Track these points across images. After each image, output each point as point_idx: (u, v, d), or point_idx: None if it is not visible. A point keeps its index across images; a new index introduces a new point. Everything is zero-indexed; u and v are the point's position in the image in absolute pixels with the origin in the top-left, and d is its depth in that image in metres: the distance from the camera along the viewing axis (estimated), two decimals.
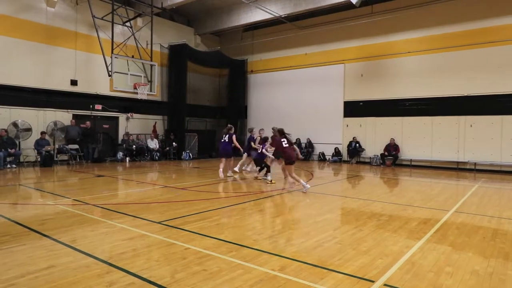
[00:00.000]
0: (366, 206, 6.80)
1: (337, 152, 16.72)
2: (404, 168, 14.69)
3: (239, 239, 4.50)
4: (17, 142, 12.85)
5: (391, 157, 15.03)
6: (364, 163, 16.20)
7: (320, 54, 17.61)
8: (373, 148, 16.03)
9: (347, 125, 16.82)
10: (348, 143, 16.52)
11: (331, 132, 17.15)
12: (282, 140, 8.37)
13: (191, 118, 18.76)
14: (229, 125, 11.31)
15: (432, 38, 14.60)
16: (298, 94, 18.31)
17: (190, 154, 17.31)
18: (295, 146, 8.77)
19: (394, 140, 15.16)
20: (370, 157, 15.89)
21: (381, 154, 15.37)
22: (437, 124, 14.47)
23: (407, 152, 15.15)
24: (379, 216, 5.94)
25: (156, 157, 16.18)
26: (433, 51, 14.51)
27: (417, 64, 14.91)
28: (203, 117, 19.99)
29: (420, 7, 14.52)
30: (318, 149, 17.61)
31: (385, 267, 3.67)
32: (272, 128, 9.23)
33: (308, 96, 17.92)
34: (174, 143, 16.99)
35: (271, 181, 9.63)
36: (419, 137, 14.86)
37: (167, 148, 16.88)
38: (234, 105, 20.09)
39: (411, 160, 14.99)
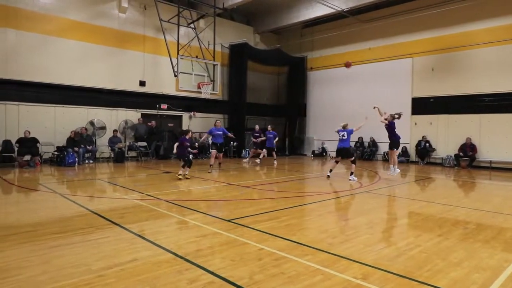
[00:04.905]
0: (447, 211, 6.22)
1: (404, 152, 15.72)
2: (483, 170, 13.34)
3: (313, 242, 4.32)
4: (94, 140, 13.91)
5: (467, 158, 13.74)
6: (435, 164, 15.03)
7: (386, 48, 16.68)
8: (445, 148, 14.80)
9: (416, 123, 15.73)
10: (416, 142, 15.44)
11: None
12: None
13: (250, 117, 18.90)
14: None
15: None
16: (361, 91, 17.54)
17: (250, 152, 17.41)
18: None
19: (470, 139, 13.84)
20: (442, 158, 14.67)
21: (455, 155, 14.12)
22: None
23: (486, 153, 13.74)
24: (465, 223, 5.38)
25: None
26: None
27: (498, 55, 13.42)
28: (262, 115, 20.04)
29: None
30: (382, 148, 16.71)
31: (484, 283, 3.25)
32: None
33: (372, 93, 17.05)
34: (234, 142, 17.22)
35: (179, 175, 9.39)
36: (500, 137, 13.39)
37: (227, 147, 17.15)
38: (293, 103, 19.86)
39: (490, 162, 13.56)
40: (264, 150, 14.15)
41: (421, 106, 15.51)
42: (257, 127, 14.92)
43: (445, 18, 14.60)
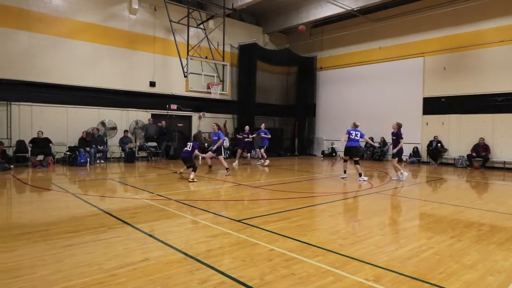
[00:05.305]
0: (460, 213, 6.12)
1: (415, 153, 15.54)
2: (496, 171, 13.11)
3: (324, 243, 4.29)
4: (105, 140, 14.06)
5: (480, 159, 13.51)
6: (447, 164, 14.81)
7: (396, 47, 16.51)
8: (457, 148, 14.58)
9: (427, 123, 15.52)
10: (428, 142, 15.24)
11: (408, 131, 15.64)
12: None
13: (259, 117, 18.89)
14: None
15: None
16: (371, 91, 17.40)
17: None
18: None
19: (483, 139, 13.60)
20: (455, 158, 14.46)
21: (467, 155, 13.90)
22: None
23: (500, 154, 13.48)
24: (479, 225, 5.29)
25: (226, 155, 16.56)
26: None
27: (511, 54, 13.17)
28: (271, 115, 20.02)
29: None
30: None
31: (499, 286, 3.19)
32: None
33: (382, 93, 16.91)
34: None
35: (193, 179, 9.07)
36: None
37: (236, 147, 17.17)
38: (302, 103, 19.81)
39: (504, 162, 13.31)
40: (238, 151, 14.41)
41: (433, 106, 15.30)
42: (247, 127, 14.70)
43: (457, 17, 14.39)
